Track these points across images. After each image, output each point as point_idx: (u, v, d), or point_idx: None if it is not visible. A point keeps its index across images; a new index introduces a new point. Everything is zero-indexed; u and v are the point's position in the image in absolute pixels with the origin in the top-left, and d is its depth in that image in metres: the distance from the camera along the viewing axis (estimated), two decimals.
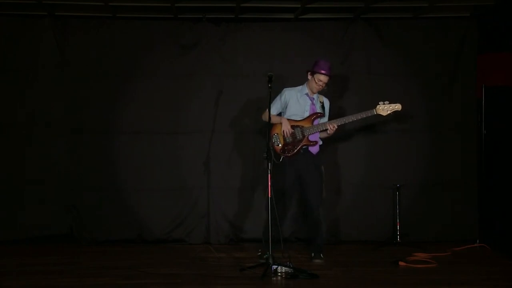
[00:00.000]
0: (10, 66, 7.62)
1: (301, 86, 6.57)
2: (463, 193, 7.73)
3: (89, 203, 7.62)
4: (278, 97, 6.60)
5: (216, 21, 7.78)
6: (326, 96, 6.71)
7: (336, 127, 6.46)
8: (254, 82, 7.52)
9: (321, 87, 6.49)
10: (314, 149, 6.56)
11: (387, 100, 6.53)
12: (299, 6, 7.46)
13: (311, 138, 6.49)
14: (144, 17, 7.81)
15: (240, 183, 7.69)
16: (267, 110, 6.24)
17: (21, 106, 7.62)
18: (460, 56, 7.77)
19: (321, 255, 6.55)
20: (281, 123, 6.47)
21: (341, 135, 7.71)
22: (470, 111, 7.81)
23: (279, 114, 6.60)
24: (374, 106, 6.53)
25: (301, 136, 6.46)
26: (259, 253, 6.57)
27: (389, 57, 7.81)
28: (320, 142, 6.61)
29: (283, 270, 5.73)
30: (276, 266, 5.74)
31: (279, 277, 5.70)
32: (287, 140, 6.45)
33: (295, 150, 6.44)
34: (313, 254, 6.58)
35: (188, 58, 7.76)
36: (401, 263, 6.33)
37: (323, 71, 6.41)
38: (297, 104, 6.51)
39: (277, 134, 6.48)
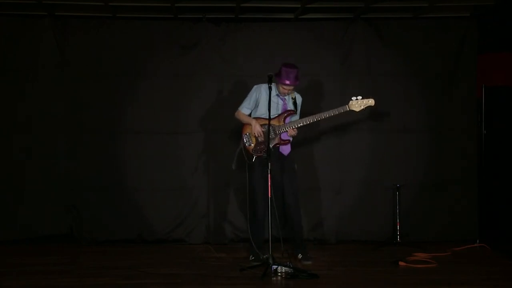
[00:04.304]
0: (10, 66, 7.61)
1: (272, 85, 6.21)
2: (463, 193, 7.72)
3: (89, 203, 7.62)
4: (250, 95, 6.49)
5: (216, 21, 7.78)
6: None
7: (296, 131, 6.32)
8: (254, 82, 7.49)
9: (287, 92, 6.38)
10: (285, 150, 6.45)
11: (362, 96, 6.40)
12: (299, 6, 7.46)
13: (283, 136, 6.41)
14: (144, 17, 7.81)
15: (240, 183, 7.66)
16: (239, 109, 6.47)
17: (21, 106, 7.62)
18: (460, 56, 7.76)
19: (308, 255, 6.52)
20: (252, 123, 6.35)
21: (341, 135, 7.73)
22: (470, 111, 7.80)
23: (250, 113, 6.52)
24: (347, 102, 6.39)
25: (273, 135, 6.35)
26: (252, 258, 6.50)
27: (389, 57, 7.80)
28: (291, 139, 6.51)
29: (283, 270, 5.73)
30: (276, 266, 5.75)
31: (279, 277, 5.70)
32: (259, 140, 6.37)
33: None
34: (300, 255, 6.52)
35: (188, 58, 7.76)
36: (401, 263, 6.34)
37: (287, 82, 6.27)
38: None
39: (248, 134, 6.42)
